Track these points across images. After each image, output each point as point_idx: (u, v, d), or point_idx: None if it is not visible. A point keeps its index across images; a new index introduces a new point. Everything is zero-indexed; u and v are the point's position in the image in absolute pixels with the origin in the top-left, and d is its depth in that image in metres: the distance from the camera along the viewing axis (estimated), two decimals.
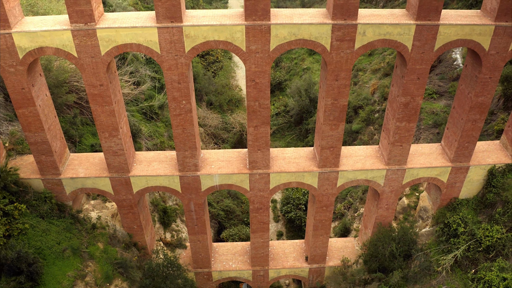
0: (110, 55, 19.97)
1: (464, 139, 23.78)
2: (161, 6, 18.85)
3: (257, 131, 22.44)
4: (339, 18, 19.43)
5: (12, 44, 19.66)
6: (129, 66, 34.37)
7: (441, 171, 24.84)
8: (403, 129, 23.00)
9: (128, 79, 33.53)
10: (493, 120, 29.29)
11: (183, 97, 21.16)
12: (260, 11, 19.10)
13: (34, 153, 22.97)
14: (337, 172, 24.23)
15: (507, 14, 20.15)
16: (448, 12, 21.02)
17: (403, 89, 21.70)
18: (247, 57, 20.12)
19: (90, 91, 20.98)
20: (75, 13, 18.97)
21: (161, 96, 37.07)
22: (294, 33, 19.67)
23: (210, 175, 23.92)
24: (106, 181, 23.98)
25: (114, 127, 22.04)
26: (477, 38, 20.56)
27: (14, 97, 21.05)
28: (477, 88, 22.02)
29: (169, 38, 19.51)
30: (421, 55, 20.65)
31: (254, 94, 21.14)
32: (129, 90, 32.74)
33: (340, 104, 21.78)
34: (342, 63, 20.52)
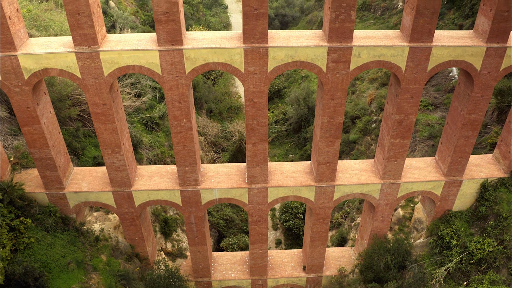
0: (113, 76, 20.62)
1: (457, 154, 24.44)
2: (162, 30, 19.49)
3: (255, 148, 23.10)
4: (334, 41, 20.07)
5: (18, 66, 20.31)
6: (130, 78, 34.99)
7: (435, 185, 25.50)
8: (397, 145, 23.66)
9: (129, 90, 34.16)
10: (487, 132, 29.95)
11: (183, 116, 21.81)
12: (258, 35, 19.73)
13: (39, 168, 23.64)
14: (333, 186, 24.90)
15: (498, 36, 20.78)
16: (441, 33, 21.65)
17: (397, 108, 22.34)
18: (246, 78, 20.76)
19: (94, 110, 21.63)
20: (79, 36, 19.61)
21: (161, 105, 37.72)
22: (291, 55, 20.31)
23: (210, 189, 24.59)
24: (109, 195, 24.66)
25: (116, 144, 22.70)
26: (469, 59, 21.20)
27: (20, 115, 21.70)
28: (470, 106, 22.66)
29: (170, 60, 20.15)
30: (414, 75, 21.29)
31: (253, 113, 21.79)
32: (131, 102, 33.38)
33: (336, 122, 22.42)
34: (337, 83, 21.16)
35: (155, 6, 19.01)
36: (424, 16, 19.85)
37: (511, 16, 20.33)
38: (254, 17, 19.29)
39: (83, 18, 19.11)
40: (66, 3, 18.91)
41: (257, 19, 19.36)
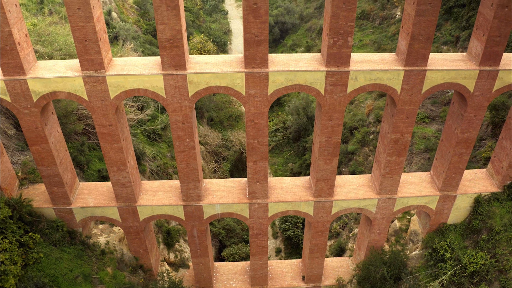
0: (119, 99, 21.39)
1: (451, 170, 25.22)
2: (166, 56, 20.24)
3: (256, 165, 23.89)
4: (332, 65, 20.82)
5: (27, 89, 21.06)
6: None
7: (429, 200, 26.31)
8: (393, 162, 24.44)
9: (132, 103, 34.91)
10: (481, 146, 30.74)
11: (187, 136, 22.58)
12: (259, 60, 20.48)
13: (46, 184, 24.41)
14: (331, 202, 25.70)
15: (490, 59, 21.54)
16: (435, 56, 22.39)
17: (393, 127, 23.11)
18: (247, 100, 21.52)
19: (100, 130, 22.40)
20: (86, 61, 20.36)
21: (163, 116, 38.45)
22: (290, 79, 21.07)
23: (212, 205, 25.41)
24: (114, 210, 25.46)
25: (122, 162, 23.48)
26: (463, 81, 21.97)
27: (28, 135, 22.46)
28: (463, 125, 23.43)
29: (174, 84, 20.91)
30: (409, 97, 22.05)
31: (253, 133, 22.56)
32: (134, 115, 34.12)
33: (334, 141, 23.20)
34: (335, 105, 21.93)
35: (160, 34, 19.76)
36: (418, 42, 20.62)
37: (503, 40, 21.13)
38: (255, 44, 20.05)
39: (90, 44, 19.88)
40: (74, 30, 19.66)
41: (258, 45, 20.12)
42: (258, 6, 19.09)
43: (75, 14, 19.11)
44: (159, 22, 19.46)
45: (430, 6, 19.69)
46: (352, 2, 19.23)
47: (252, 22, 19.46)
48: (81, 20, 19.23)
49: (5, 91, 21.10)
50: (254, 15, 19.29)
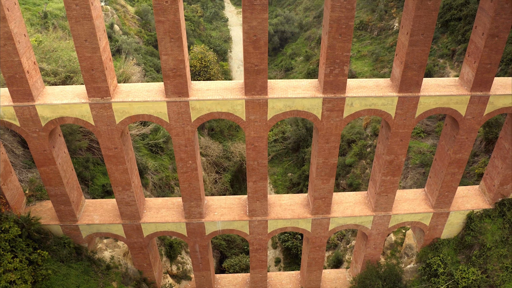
0: (124, 124, 22.24)
1: (444, 188, 26.10)
2: (169, 84, 21.08)
3: (256, 185, 24.78)
4: (329, 92, 21.67)
5: (36, 114, 21.92)
6: None
7: (423, 216, 27.20)
8: (388, 182, 25.32)
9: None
10: (475, 162, 31.60)
11: (189, 158, 23.45)
12: (258, 87, 21.33)
13: (54, 203, 25.30)
14: (328, 219, 26.60)
15: (481, 85, 22.39)
16: (428, 82, 23.23)
17: (387, 149, 23.98)
18: (247, 125, 22.38)
19: (106, 153, 23.26)
20: (93, 89, 21.21)
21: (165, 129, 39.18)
22: (289, 105, 21.91)
23: (213, 222, 26.31)
24: (119, 227, 26.36)
25: (127, 182, 24.35)
26: (455, 106, 22.82)
27: (37, 157, 23.32)
28: (455, 147, 24.29)
29: (177, 110, 21.76)
30: (403, 121, 22.91)
31: (253, 156, 23.44)
32: (137, 130, 34.97)
33: (331, 163, 24.07)
34: (332, 129, 22.78)
35: (163, 63, 20.59)
36: (412, 70, 21.46)
37: (493, 68, 21.97)
38: (254, 72, 20.89)
39: (96, 73, 20.72)
40: (81, 60, 20.50)
41: (258, 74, 20.96)
42: (257, 38, 19.93)
43: (82, 45, 19.96)
44: (162, 52, 20.30)
45: (423, 36, 20.53)
46: (347, 34, 20.08)
47: (252, 52, 20.30)
48: (88, 51, 20.09)
49: (14, 116, 21.97)
50: (254, 46, 20.12)
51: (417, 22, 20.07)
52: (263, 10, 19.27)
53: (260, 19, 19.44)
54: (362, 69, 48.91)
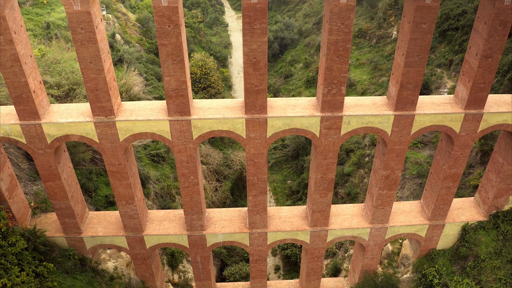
0: (128, 141, 22.85)
1: (440, 201, 26.73)
2: (172, 103, 21.69)
3: (255, 199, 25.41)
4: (327, 111, 22.28)
5: (42, 132, 22.53)
6: None
7: (419, 228, 27.84)
8: (384, 195, 25.95)
9: None
10: (471, 173, 32.22)
11: (191, 173, 24.07)
12: (258, 107, 21.94)
13: (58, 216, 25.94)
14: (326, 231, 27.25)
15: (475, 103, 23.00)
16: (424, 99, 23.84)
17: (384, 164, 24.60)
18: (247, 142, 22.99)
19: (110, 169, 23.88)
20: (97, 108, 21.82)
21: None
22: (288, 123, 22.53)
23: (214, 234, 26.95)
24: (122, 239, 27.00)
25: (130, 196, 24.98)
26: (449, 123, 23.43)
27: (43, 173, 23.95)
28: (450, 162, 24.92)
29: (179, 128, 22.37)
30: (399, 138, 23.52)
31: (253, 171, 24.06)
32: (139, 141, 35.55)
33: (329, 178, 24.69)
34: (329, 146, 23.40)
35: (166, 84, 21.20)
36: (407, 89, 22.07)
37: (487, 87, 22.57)
38: (254, 93, 21.50)
39: (101, 93, 21.33)
40: (86, 81, 21.10)
41: (257, 94, 21.57)
42: (257, 60, 20.52)
43: (87, 67, 20.56)
44: (165, 74, 20.90)
45: (418, 58, 21.12)
46: (344, 56, 20.67)
47: (252, 73, 20.90)
48: (93, 72, 20.69)
49: (20, 134, 22.59)
50: (253, 67, 20.72)
51: (413, 44, 20.67)
52: (262, 34, 19.86)
53: (260, 42, 20.03)
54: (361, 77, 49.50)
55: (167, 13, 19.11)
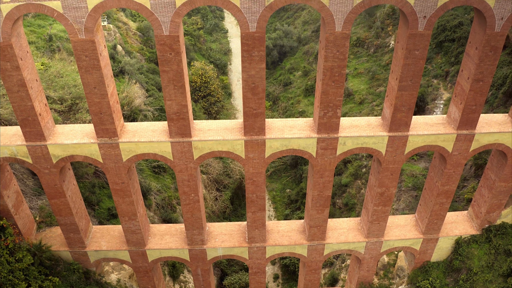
0: (131, 161, 23.59)
1: (434, 217, 27.49)
2: (173, 126, 22.42)
3: (254, 215, 26.18)
4: (323, 132, 23.01)
5: (47, 153, 23.27)
6: None
7: (414, 242, 28.61)
8: (379, 211, 26.71)
9: None
10: (465, 186, 32.96)
11: (192, 191, 24.82)
12: (257, 129, 22.67)
13: (63, 231, 26.71)
14: (323, 244, 28.03)
15: (467, 124, 23.71)
16: (417, 120, 24.55)
17: (379, 182, 25.34)
18: (246, 162, 23.73)
19: (113, 187, 24.63)
20: (101, 130, 22.55)
21: None
22: (285, 144, 23.26)
23: (214, 248, 27.73)
24: (125, 253, 27.78)
25: (133, 213, 25.75)
26: (442, 143, 24.15)
27: (48, 191, 24.71)
28: (443, 179, 25.66)
29: (180, 149, 23.11)
30: (393, 157, 24.26)
31: (252, 189, 24.81)
32: None
33: (325, 195, 25.44)
34: (326, 165, 24.14)
35: (168, 108, 21.91)
36: (401, 112, 22.78)
37: (478, 108, 23.27)
38: (253, 116, 22.22)
39: (105, 116, 22.04)
40: (91, 105, 21.82)
41: (256, 117, 22.29)
42: (255, 85, 21.24)
43: (92, 92, 21.28)
44: (167, 98, 21.62)
45: (411, 82, 21.83)
46: (340, 81, 21.38)
47: (251, 98, 21.62)
48: (97, 96, 21.40)
49: (27, 155, 23.33)
50: (252, 92, 21.44)
51: (406, 69, 21.38)
52: (260, 61, 20.57)
53: (258, 69, 20.74)
54: (359, 87, 50.22)
55: (169, 42, 19.82)
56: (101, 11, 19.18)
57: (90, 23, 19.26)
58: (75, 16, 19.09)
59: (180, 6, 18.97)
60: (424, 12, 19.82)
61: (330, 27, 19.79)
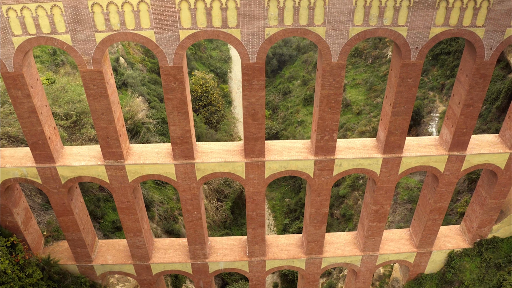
0: (136, 182, 24.62)
1: (427, 232, 28.57)
2: (177, 149, 23.44)
3: (255, 232, 27.25)
4: (320, 154, 24.03)
5: (56, 174, 24.29)
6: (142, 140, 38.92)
7: (408, 255, 29.70)
8: (375, 227, 27.78)
9: None
10: (458, 199, 34.00)
11: (194, 209, 25.87)
12: (257, 151, 23.69)
13: (71, 246, 27.75)
14: (321, 258, 29.12)
15: (458, 146, 24.73)
16: (411, 141, 25.56)
17: (374, 200, 26.39)
18: (246, 182, 24.77)
19: (119, 206, 25.67)
20: (108, 153, 23.56)
21: None
22: (284, 166, 24.29)
23: (216, 262, 28.81)
24: (130, 267, 28.85)
25: (138, 229, 26.80)
26: (434, 164, 25.19)
27: (57, 209, 25.74)
28: (436, 197, 26.72)
29: (184, 170, 24.13)
30: (387, 177, 25.30)
31: (252, 207, 25.87)
32: None
33: (322, 212, 26.50)
34: (323, 185, 25.18)
35: (172, 132, 22.92)
36: (394, 135, 23.80)
37: (469, 131, 24.28)
38: (253, 139, 23.23)
39: (111, 140, 23.05)
40: (98, 130, 22.81)
41: (256, 141, 23.30)
42: (255, 111, 22.24)
43: (99, 118, 22.27)
44: (171, 123, 22.61)
45: (404, 108, 22.83)
46: (336, 107, 22.38)
47: (251, 123, 22.62)
48: (104, 122, 22.40)
49: (36, 176, 24.34)
50: (252, 118, 22.44)
51: (399, 96, 22.38)
52: (260, 89, 21.57)
53: (258, 96, 21.74)
54: (357, 98, 51.22)
55: (173, 72, 20.81)
56: (108, 44, 20.17)
57: (98, 54, 20.25)
58: (83, 48, 20.09)
59: (184, 39, 19.97)
60: (416, 44, 20.83)
61: (326, 58, 20.78)
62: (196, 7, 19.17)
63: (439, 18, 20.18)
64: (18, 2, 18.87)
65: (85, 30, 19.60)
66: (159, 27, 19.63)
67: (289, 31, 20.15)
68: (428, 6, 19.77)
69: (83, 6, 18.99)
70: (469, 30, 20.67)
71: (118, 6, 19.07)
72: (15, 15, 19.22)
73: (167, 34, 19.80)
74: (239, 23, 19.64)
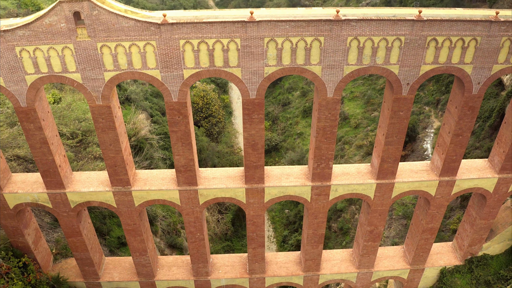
0: (142, 206, 25.87)
1: (419, 250, 29.82)
2: (181, 176, 24.66)
3: (255, 251, 28.52)
4: (317, 181, 25.25)
5: (66, 199, 25.54)
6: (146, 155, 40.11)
7: (402, 272, 30.99)
8: (369, 246, 29.04)
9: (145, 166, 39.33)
10: (451, 216, 35.24)
11: (197, 231, 27.13)
12: (257, 178, 24.91)
13: (79, 265, 29.04)
14: (318, 275, 30.39)
15: (448, 172, 25.93)
16: (403, 167, 26.77)
17: (368, 221, 27.63)
18: (247, 206, 26.01)
19: (126, 228, 26.93)
20: (116, 180, 24.79)
21: None
22: (282, 191, 25.53)
23: (218, 279, 30.09)
24: (136, 283, 30.14)
25: (143, 249, 28.07)
26: (426, 188, 26.41)
27: (66, 231, 27.00)
28: (427, 218, 27.96)
29: (187, 196, 25.37)
30: (381, 201, 26.53)
31: (253, 229, 27.13)
32: None
33: (319, 233, 27.75)
34: (319, 208, 26.42)
35: (176, 161, 24.14)
36: (387, 163, 25.01)
37: (458, 158, 25.49)
38: (253, 167, 24.45)
39: (119, 168, 24.27)
40: (106, 159, 24.02)
41: (256, 169, 24.52)
42: (255, 142, 23.45)
43: (107, 148, 23.48)
44: (175, 153, 23.83)
45: (396, 138, 24.02)
46: (331, 138, 23.59)
47: (251, 153, 23.84)
48: (112, 152, 23.61)
49: (47, 201, 25.59)
50: (252, 148, 23.65)
51: (391, 127, 23.57)
52: (260, 122, 22.77)
53: (258, 129, 22.95)
54: (354, 111, 52.35)
55: (177, 107, 22.01)
56: (116, 82, 21.38)
57: (106, 91, 21.46)
58: (93, 86, 21.29)
59: (188, 78, 21.16)
60: (407, 80, 22.01)
61: (322, 93, 21.98)
62: (199, 49, 20.36)
63: (429, 56, 21.36)
64: (31, 44, 20.10)
65: (94, 70, 20.80)
66: (164, 67, 20.81)
67: (287, 69, 21.33)
68: (419, 46, 20.94)
69: (92, 48, 20.20)
70: (458, 67, 21.85)
71: (125, 48, 20.28)
72: (28, 55, 20.42)
73: (172, 73, 20.99)
74: (240, 63, 20.81)
